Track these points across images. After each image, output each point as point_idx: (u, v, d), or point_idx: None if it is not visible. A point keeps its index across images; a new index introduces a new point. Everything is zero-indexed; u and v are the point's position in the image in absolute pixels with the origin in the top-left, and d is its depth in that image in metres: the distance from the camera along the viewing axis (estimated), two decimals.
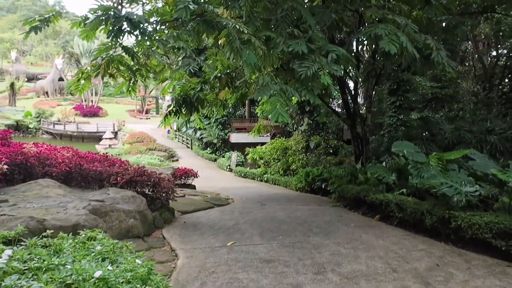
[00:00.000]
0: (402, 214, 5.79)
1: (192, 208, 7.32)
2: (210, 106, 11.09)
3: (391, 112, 19.86)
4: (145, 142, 29.78)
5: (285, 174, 15.61)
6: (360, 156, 10.20)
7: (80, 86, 7.40)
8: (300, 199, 9.37)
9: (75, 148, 9.88)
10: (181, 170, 12.20)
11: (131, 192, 5.78)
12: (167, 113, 9.23)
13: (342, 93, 10.73)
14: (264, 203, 8.38)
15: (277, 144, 16.06)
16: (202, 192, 10.33)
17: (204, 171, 21.53)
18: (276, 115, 5.62)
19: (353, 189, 7.52)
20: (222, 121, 26.39)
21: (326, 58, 6.08)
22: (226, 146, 27.04)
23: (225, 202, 8.48)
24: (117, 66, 7.34)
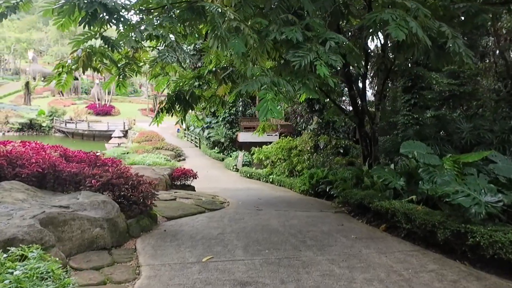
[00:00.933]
0: (410, 226, 5.03)
1: (179, 213, 6.70)
2: (209, 104, 10.45)
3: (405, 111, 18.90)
4: (153, 141, 29.50)
5: (291, 175, 14.88)
6: (368, 157, 9.41)
7: (62, 81, 6.87)
8: (301, 204, 8.65)
9: (65, 147, 9.44)
10: (179, 170, 11.65)
11: (105, 196, 5.20)
12: (158, 110, 8.65)
13: (349, 89, 9.94)
14: (260, 208, 7.71)
15: (282, 143, 15.34)
16: (199, 194, 9.74)
17: (209, 171, 21.02)
18: (264, 111, 4.95)
19: (358, 194, 6.77)
20: (230, 119, 25.81)
21: (324, 47, 5.35)
22: (234, 146, 26.46)
23: (218, 206, 7.84)
24: (101, 59, 6.79)
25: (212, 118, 28.13)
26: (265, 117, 4.95)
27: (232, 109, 25.74)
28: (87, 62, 6.33)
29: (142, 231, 5.38)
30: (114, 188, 5.63)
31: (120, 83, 8.53)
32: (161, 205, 7.03)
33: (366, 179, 7.29)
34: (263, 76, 5.29)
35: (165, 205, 7.15)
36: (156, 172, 10.42)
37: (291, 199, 9.59)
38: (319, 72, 4.97)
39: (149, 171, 10.33)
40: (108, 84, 8.36)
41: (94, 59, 6.55)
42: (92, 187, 5.57)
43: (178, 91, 8.56)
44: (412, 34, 5.44)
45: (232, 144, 26.36)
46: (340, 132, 20.85)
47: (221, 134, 25.85)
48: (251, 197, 10.12)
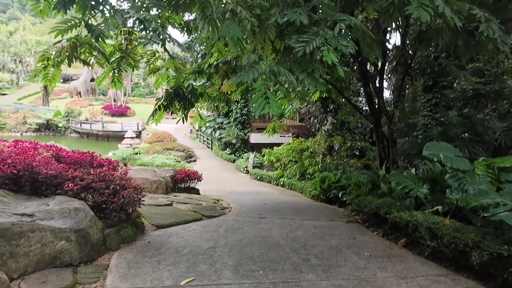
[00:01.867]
0: (436, 243, 4.17)
1: (171, 221, 6.03)
2: (213, 102, 9.77)
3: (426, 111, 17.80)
4: (165, 142, 29.17)
5: (303, 178, 14.06)
6: (385, 160, 8.53)
7: (49, 75, 6.31)
8: (310, 211, 7.84)
9: (60, 147, 8.95)
10: (182, 172, 11.02)
11: (80, 203, 4.56)
12: (156, 107, 8.02)
13: (365, 86, 9.07)
14: (264, 216, 6.95)
15: (293, 145, 14.53)
16: (201, 198, 9.06)
17: (219, 173, 20.39)
18: (261, 105, 4.21)
19: (373, 202, 5.93)
20: (241, 120, 25.17)
21: (333, 31, 4.57)
22: (246, 147, 25.79)
23: (218, 213, 7.13)
24: (90, 50, 6.18)
25: (224, 119, 27.57)
26: (262, 112, 4.20)
27: (244, 109, 25.08)
28: (72, 54, 5.71)
29: (123, 243, 4.72)
30: (94, 192, 5.00)
31: (115, 78, 7.97)
32: (152, 212, 6.38)
33: (383, 185, 6.43)
34: (261, 65, 4.55)
35: (158, 211, 6.49)
36: (157, 174, 9.82)
37: (300, 205, 8.78)
38: (326, 59, 4.20)
39: (149, 173, 9.75)
40: (101, 80, 7.78)
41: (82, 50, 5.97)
42: (70, 191, 4.95)
43: (176, 87, 7.90)
44: (437, 15, 4.61)
45: (244, 146, 25.70)
46: (355, 133, 19.88)
47: (233, 135, 25.21)
48: (257, 202, 9.37)
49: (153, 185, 9.05)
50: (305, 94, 13.90)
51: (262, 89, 4.31)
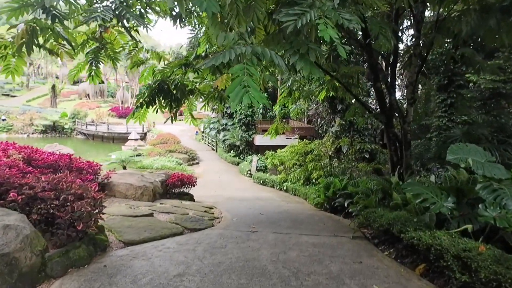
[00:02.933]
0: (468, 278, 3.15)
1: (144, 236, 5.11)
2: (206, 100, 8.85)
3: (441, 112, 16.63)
4: (168, 144, 28.44)
5: (307, 183, 13.05)
6: (398, 164, 7.49)
7: (11, 66, 5.47)
8: (311, 223, 6.84)
9: (36, 149, 8.13)
10: (175, 176, 10.12)
11: (17, 217, 3.67)
12: (137, 105, 7.15)
13: (375, 81, 8.05)
14: (256, 229, 5.99)
15: (297, 147, 13.53)
16: (191, 206, 8.15)
17: (221, 177, 19.51)
18: (238, 96, 3.28)
19: (384, 216, 4.91)
20: (246, 121, 24.27)
21: (332, 1, 3.61)
22: (251, 149, 24.88)
23: (204, 225, 6.20)
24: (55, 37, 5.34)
25: (228, 120, 26.72)
26: (240, 103, 3.26)
27: (248, 110, 24.17)
28: (30, 40, 4.86)
29: (72, 267, 3.81)
30: (42, 203, 4.11)
31: (93, 72, 7.14)
32: (124, 224, 5.48)
33: (396, 195, 5.40)
34: (241, 45, 3.61)
35: (132, 223, 5.58)
36: (145, 178, 8.94)
37: (300, 215, 7.79)
38: (323, 35, 3.23)
39: (136, 177, 8.87)
40: (75, 74, 6.93)
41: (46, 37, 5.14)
42: (13, 202, 4.08)
43: (160, 81, 7.02)
44: None
45: (248, 148, 24.80)
46: (365, 135, 18.78)
47: (237, 136, 24.32)
48: (253, 210, 8.41)
49: (138, 191, 8.17)
50: (310, 93, 12.93)
51: (241, 75, 3.37)
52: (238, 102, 3.24)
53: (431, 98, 18.81)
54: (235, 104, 3.24)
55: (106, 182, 8.27)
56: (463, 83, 15.90)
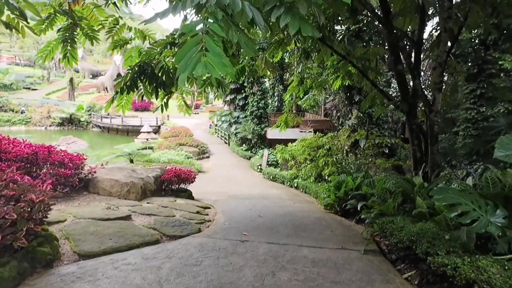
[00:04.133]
0: None
1: (107, 245, 4.20)
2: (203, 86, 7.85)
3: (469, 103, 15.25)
4: (179, 137, 27.75)
5: (319, 180, 11.94)
6: (421, 162, 6.31)
7: None
8: (316, 229, 5.78)
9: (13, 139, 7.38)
10: (171, 172, 9.23)
11: None
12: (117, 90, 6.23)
13: (395, 63, 6.85)
14: (248, 238, 4.99)
15: (309, 141, 12.41)
16: (182, 206, 7.23)
17: (231, 171, 18.59)
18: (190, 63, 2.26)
19: (405, 229, 3.81)
20: (258, 114, 23.21)
21: None
22: (263, 143, 23.84)
23: (188, 231, 5.25)
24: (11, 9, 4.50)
25: (240, 113, 25.74)
26: (192, 76, 2.24)
27: (261, 102, 23.09)
28: None
29: None
30: None
31: (68, 53, 6.28)
32: (88, 230, 4.59)
33: (420, 200, 4.28)
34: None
35: (98, 228, 4.69)
36: (135, 174, 8.09)
37: (305, 218, 6.72)
38: None
39: (125, 172, 8.03)
40: (47, 56, 6.05)
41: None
42: None
43: (142, 63, 6.08)
44: None
45: (260, 141, 23.77)
46: (384, 128, 17.43)
47: (249, 130, 23.31)
48: (253, 212, 7.41)
49: (124, 188, 7.31)
50: (324, 81, 11.74)
51: (197, 34, 2.35)
52: (190, 72, 2.22)
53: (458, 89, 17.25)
54: (184, 76, 2.23)
55: (90, 177, 7.47)
56: (495, 72, 14.37)
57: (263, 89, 23.32)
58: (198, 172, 17.87)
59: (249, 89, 23.33)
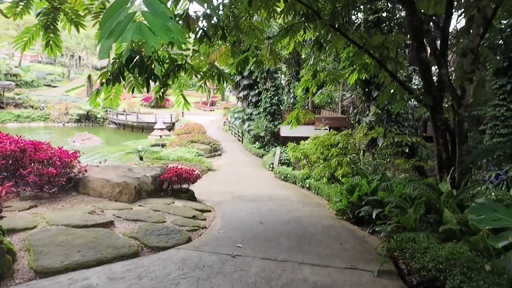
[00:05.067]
0: None
1: (72, 260, 3.59)
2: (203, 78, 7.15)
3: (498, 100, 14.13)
4: (192, 134, 27.31)
5: (333, 181, 11.11)
6: (448, 164, 5.43)
7: None
8: (324, 241, 5.01)
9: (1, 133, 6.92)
10: (171, 171, 8.61)
11: None
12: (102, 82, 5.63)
13: (418, 49, 5.97)
14: (241, 252, 4.29)
15: (321, 138, 11.57)
16: (176, 210, 6.60)
17: (241, 170, 17.93)
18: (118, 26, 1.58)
19: (430, 250, 3.02)
20: (271, 110, 22.43)
21: None
22: (277, 141, 23.06)
23: (174, 241, 4.59)
24: None
25: (253, 109, 25.03)
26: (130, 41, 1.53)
27: (274, 98, 22.29)
28: None
29: None
30: None
31: (50, 40, 5.73)
32: (56, 239, 3.99)
33: (449, 214, 3.46)
34: None
35: (67, 238, 4.08)
36: (131, 173, 7.51)
37: (312, 226, 5.96)
38: None
39: (119, 171, 7.48)
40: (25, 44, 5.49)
41: None
42: None
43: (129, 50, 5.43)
44: None
45: (274, 139, 23.00)
46: (405, 126, 16.35)
47: (261, 127, 22.58)
48: (255, 217, 6.70)
49: (115, 189, 6.74)
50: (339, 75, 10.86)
51: None
52: (116, 38, 1.53)
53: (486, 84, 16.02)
54: (108, 44, 1.54)
55: (80, 177, 6.94)
56: None
57: (276, 84, 22.51)
58: (208, 170, 17.31)
59: (262, 85, 22.56)
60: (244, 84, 25.01)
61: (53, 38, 5.67)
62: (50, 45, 5.68)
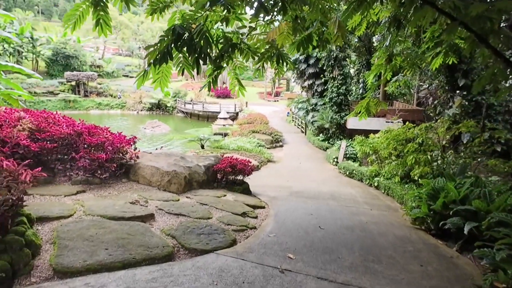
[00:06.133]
0: None
1: (95, 260, 3.14)
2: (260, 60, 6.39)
3: None
4: (254, 124, 26.98)
5: (407, 181, 9.69)
6: None
7: None
8: (398, 259, 3.97)
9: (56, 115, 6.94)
10: (225, 161, 8.09)
11: None
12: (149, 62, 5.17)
13: None
14: (290, 267, 3.50)
15: (395, 132, 10.12)
16: (225, 205, 6.03)
17: (303, 163, 16.99)
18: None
19: None
20: (338, 101, 20.95)
21: None
22: (343, 133, 21.58)
23: (215, 243, 3.97)
24: None
25: (318, 99, 23.72)
26: None
27: (342, 88, 20.77)
28: None
29: None
30: None
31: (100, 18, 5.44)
32: (85, 234, 3.60)
33: None
34: None
35: (97, 232, 3.67)
36: (183, 162, 7.11)
37: (383, 237, 4.90)
38: None
39: (172, 159, 7.13)
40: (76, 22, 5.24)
41: None
42: None
43: (177, 26, 4.87)
44: None
45: (339, 131, 21.54)
46: (498, 120, 13.92)
47: (326, 118, 21.24)
48: (313, 219, 5.82)
49: (164, 177, 6.37)
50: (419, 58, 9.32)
51: None
52: None
53: None
54: None
55: (132, 163, 6.71)
56: None
57: (344, 73, 20.91)
58: (268, 161, 16.70)
59: (329, 74, 21.14)
60: (309, 73, 23.75)
61: (103, 16, 5.33)
62: (100, 23, 5.36)
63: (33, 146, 5.42)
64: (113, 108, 47.82)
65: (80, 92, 46.77)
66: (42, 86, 44.09)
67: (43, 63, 50.26)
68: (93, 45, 72.64)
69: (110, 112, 46.68)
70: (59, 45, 49.64)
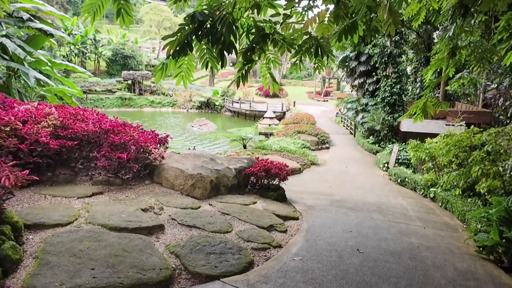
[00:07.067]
0: None
1: (75, 283, 2.65)
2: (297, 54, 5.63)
3: None
4: (300, 124, 26.03)
5: (470, 194, 8.30)
6: None
7: None
8: None
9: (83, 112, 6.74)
10: (259, 164, 7.44)
11: None
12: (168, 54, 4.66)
13: None
14: None
15: (457, 137, 8.71)
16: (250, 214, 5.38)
17: (349, 167, 15.80)
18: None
19: None
20: (391, 101, 19.34)
21: None
22: (395, 136, 19.90)
23: (225, 267, 3.33)
24: None
25: (369, 99, 22.15)
26: None
27: (395, 87, 19.12)
28: None
29: None
30: None
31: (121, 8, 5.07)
32: (78, 247, 3.16)
33: None
34: None
35: (91, 246, 3.21)
36: (212, 164, 6.59)
37: (439, 270, 3.91)
38: None
39: (200, 161, 6.64)
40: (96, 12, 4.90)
41: None
42: None
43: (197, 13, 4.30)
44: None
45: (392, 134, 19.90)
46: None
47: (378, 119, 19.69)
48: (351, 238, 4.94)
49: (188, 181, 5.87)
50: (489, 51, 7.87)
51: None
52: None
53: None
54: None
55: (157, 164, 6.32)
56: None
57: (399, 71, 19.20)
58: (311, 164, 15.76)
59: (382, 71, 19.56)
60: (360, 71, 22.25)
61: (124, 6, 4.93)
62: (122, 13, 4.98)
63: (53, 143, 5.20)
64: (165, 106, 49.52)
65: (135, 91, 49.06)
66: (101, 84, 46.96)
67: (104, 63, 53.57)
68: (149, 46, 76.13)
69: (162, 110, 48.41)
70: (118, 46, 52.53)
